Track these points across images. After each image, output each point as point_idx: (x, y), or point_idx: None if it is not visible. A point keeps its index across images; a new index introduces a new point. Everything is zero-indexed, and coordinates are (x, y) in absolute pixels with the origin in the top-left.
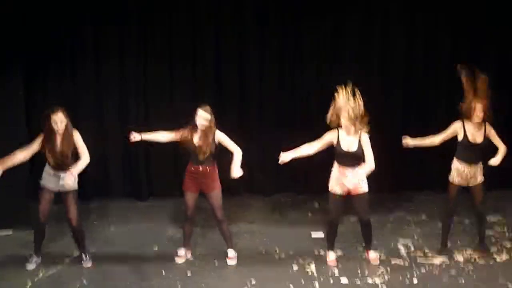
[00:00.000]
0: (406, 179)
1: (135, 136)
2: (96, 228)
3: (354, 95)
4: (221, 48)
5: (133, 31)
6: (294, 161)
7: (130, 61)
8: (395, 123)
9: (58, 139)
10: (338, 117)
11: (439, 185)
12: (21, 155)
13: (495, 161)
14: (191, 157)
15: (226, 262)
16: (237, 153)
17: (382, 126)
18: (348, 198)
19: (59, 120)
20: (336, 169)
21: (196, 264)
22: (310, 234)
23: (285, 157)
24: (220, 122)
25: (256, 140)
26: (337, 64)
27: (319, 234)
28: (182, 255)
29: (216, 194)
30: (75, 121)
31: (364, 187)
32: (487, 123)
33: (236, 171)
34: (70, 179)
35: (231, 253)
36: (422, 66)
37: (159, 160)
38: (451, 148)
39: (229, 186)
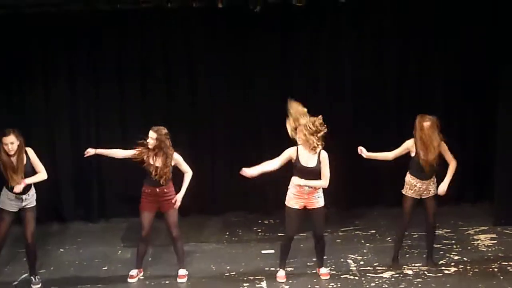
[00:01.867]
0: (356, 196)
1: (89, 151)
2: (47, 250)
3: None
4: (171, 67)
5: (82, 53)
6: (246, 180)
7: (80, 84)
8: (347, 138)
9: (14, 160)
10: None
11: (390, 200)
12: None
13: (442, 188)
14: (147, 178)
15: (177, 281)
16: (188, 178)
17: (334, 142)
18: (305, 213)
19: (9, 142)
20: (292, 185)
21: (148, 284)
22: (261, 252)
23: (249, 172)
24: (171, 142)
25: (207, 159)
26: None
27: (269, 251)
28: (134, 275)
29: (172, 212)
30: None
31: (320, 202)
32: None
33: (179, 199)
34: (18, 189)
35: (182, 272)
36: (376, 81)
37: (111, 183)
38: (401, 164)
39: (181, 206)
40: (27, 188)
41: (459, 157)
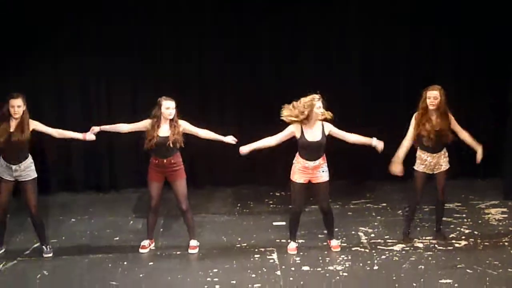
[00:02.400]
0: (368, 169)
1: (94, 129)
2: (59, 220)
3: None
4: (181, 40)
5: (92, 26)
6: (255, 153)
7: (90, 55)
8: (359, 112)
9: (13, 124)
10: (303, 114)
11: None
12: None
13: (479, 155)
14: (155, 150)
15: (189, 252)
16: (208, 132)
17: (345, 116)
18: (310, 187)
19: (17, 105)
20: (297, 160)
21: (159, 255)
22: (272, 224)
23: (244, 149)
24: (181, 115)
25: (218, 131)
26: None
27: (280, 223)
28: (146, 245)
29: (181, 183)
30: (37, 113)
31: (324, 176)
32: (448, 112)
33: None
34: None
35: (194, 243)
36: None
37: (121, 153)
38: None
39: (191, 178)
40: (18, 159)
41: (470, 131)
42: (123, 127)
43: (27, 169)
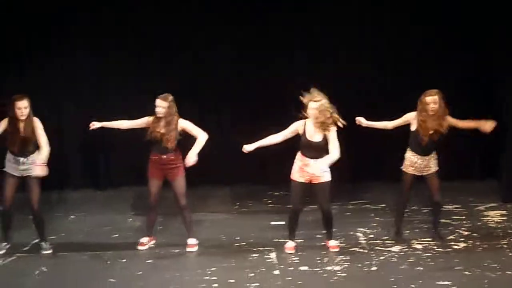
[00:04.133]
0: (365, 169)
1: (94, 124)
2: (57, 217)
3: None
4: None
5: (85, 21)
6: (254, 152)
7: (86, 52)
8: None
9: (21, 125)
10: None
11: (399, 175)
12: None
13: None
14: (154, 146)
15: (187, 251)
16: (201, 139)
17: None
18: (310, 187)
19: (23, 106)
20: (298, 158)
21: (157, 253)
22: (270, 223)
23: (248, 147)
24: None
25: (216, 130)
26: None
27: (278, 222)
28: (145, 242)
29: (179, 181)
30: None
31: (325, 177)
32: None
33: (191, 157)
34: (36, 170)
35: (192, 241)
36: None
37: (119, 151)
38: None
39: (190, 177)
40: (27, 152)
41: (468, 134)
42: (124, 124)
43: (34, 164)
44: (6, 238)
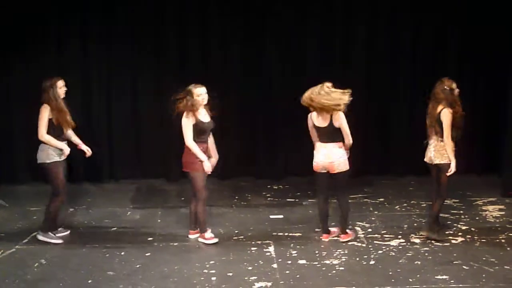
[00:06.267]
0: (366, 164)
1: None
2: None
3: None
4: (184, 32)
5: (95, 16)
6: (254, 145)
7: (92, 45)
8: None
9: (63, 103)
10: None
11: (399, 169)
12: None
13: None
14: (199, 137)
15: (185, 244)
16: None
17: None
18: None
19: (63, 85)
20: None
21: (156, 246)
22: (269, 217)
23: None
24: None
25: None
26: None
27: (278, 216)
28: (193, 232)
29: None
30: (38, 106)
31: (341, 166)
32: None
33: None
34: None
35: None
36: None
37: (120, 144)
38: (411, 134)
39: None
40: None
41: (468, 128)
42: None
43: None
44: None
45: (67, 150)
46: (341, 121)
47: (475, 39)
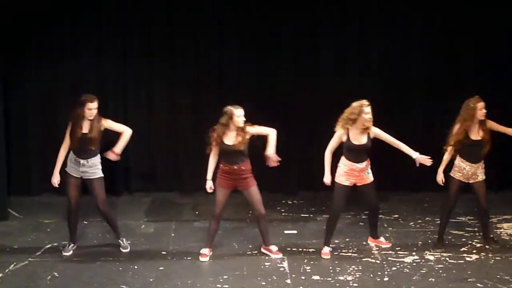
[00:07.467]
0: (380, 180)
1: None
2: None
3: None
4: (200, 45)
5: (110, 27)
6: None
7: (107, 57)
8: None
9: (86, 124)
10: (351, 118)
11: (413, 185)
12: (63, 152)
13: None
14: (224, 157)
15: (199, 258)
16: (273, 133)
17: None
18: (355, 190)
19: (94, 107)
20: (344, 163)
21: (169, 259)
22: (283, 232)
23: (327, 180)
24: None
25: None
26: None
27: (292, 231)
28: (206, 253)
29: (254, 189)
30: (52, 116)
31: (370, 177)
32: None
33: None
34: (109, 155)
35: (274, 248)
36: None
37: (135, 156)
38: (425, 149)
39: (203, 184)
40: (88, 154)
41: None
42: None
43: (94, 167)
44: (72, 238)
45: (54, 177)
46: (382, 133)
47: (493, 52)
